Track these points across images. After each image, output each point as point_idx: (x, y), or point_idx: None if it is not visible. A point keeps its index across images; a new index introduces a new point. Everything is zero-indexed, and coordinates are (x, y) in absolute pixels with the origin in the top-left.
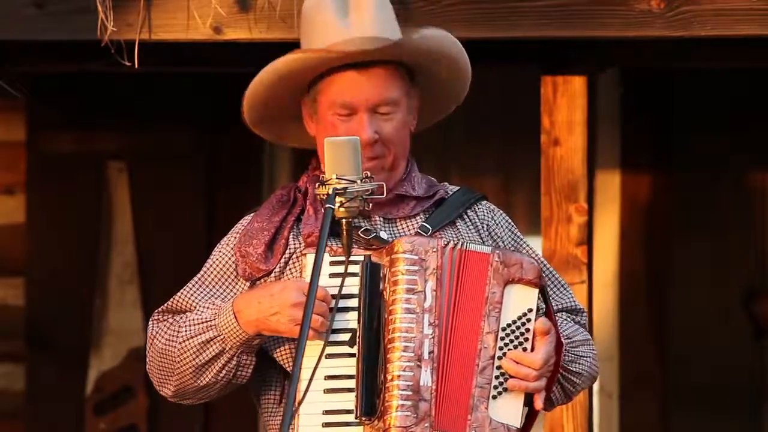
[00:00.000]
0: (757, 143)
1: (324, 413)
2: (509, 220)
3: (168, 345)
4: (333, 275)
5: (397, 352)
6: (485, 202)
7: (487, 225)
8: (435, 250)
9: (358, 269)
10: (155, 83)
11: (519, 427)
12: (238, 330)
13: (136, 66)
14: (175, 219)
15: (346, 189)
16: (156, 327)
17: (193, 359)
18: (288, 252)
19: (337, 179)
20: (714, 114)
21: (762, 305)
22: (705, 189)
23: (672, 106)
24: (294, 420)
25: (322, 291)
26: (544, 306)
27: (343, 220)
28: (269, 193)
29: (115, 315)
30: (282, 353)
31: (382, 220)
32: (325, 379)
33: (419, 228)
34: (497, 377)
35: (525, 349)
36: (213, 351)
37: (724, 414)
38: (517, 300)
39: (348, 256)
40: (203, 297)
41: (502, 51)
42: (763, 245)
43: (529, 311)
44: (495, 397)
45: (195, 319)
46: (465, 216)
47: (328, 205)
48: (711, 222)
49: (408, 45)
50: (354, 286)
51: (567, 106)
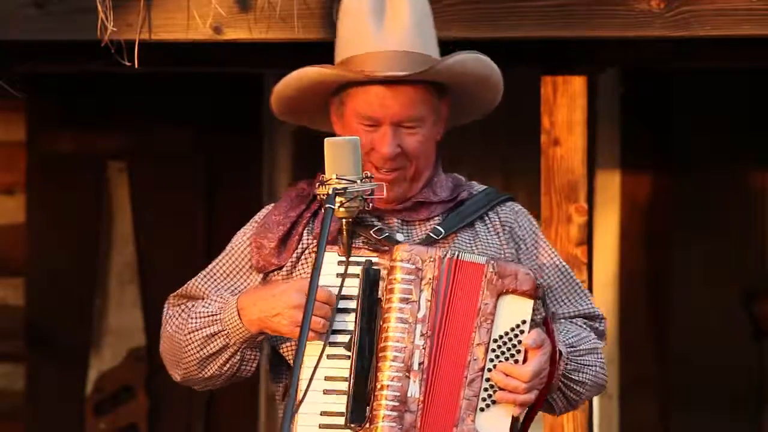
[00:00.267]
0: (757, 143)
1: (321, 414)
2: (534, 222)
3: (176, 333)
4: (340, 275)
5: (387, 361)
6: (511, 203)
7: (510, 227)
8: (433, 259)
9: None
10: (155, 83)
11: None
12: (241, 327)
13: (136, 66)
14: (175, 219)
15: (346, 189)
16: (169, 312)
17: (198, 351)
18: (300, 248)
19: (337, 179)
20: (714, 114)
21: (762, 305)
22: (705, 189)
23: (672, 106)
24: (293, 418)
25: (324, 292)
26: (542, 316)
27: (343, 220)
28: (269, 193)
29: (115, 315)
30: (287, 349)
31: (400, 222)
32: (325, 380)
33: (431, 231)
34: (486, 389)
35: (517, 361)
36: (217, 345)
37: (724, 414)
38: (511, 311)
39: (348, 256)
40: (216, 285)
41: (502, 51)
42: (763, 245)
43: (523, 323)
44: (483, 410)
45: (202, 312)
46: (486, 218)
47: (328, 205)
48: (711, 222)
49: (437, 71)
50: (356, 287)
51: (567, 106)
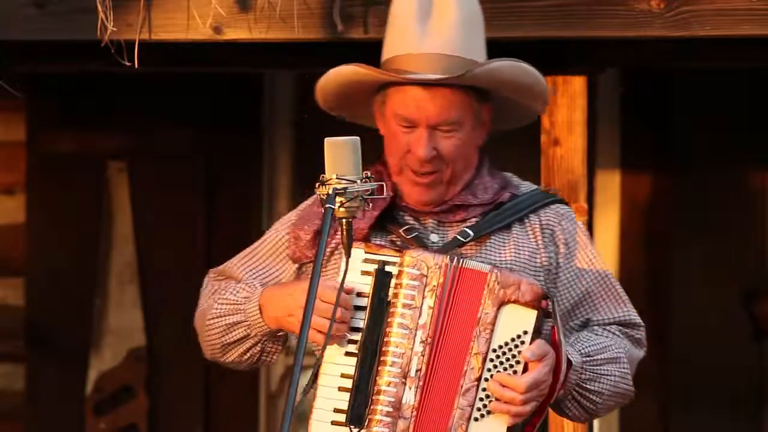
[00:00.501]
0: (757, 143)
1: (334, 411)
2: (579, 226)
3: (205, 313)
4: (365, 273)
5: (386, 366)
6: (557, 206)
7: (551, 230)
8: (439, 266)
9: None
10: (155, 83)
11: None
12: (261, 322)
13: (136, 66)
14: (175, 219)
15: (346, 189)
16: (206, 288)
17: (220, 337)
18: (334, 243)
19: (337, 179)
20: (714, 114)
21: (762, 305)
22: (705, 189)
23: (672, 106)
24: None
25: (333, 292)
26: (549, 327)
27: (344, 220)
28: (269, 193)
29: (115, 315)
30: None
31: (435, 223)
32: (341, 377)
33: (458, 233)
34: (481, 399)
35: (516, 372)
36: (238, 334)
37: (724, 414)
38: (512, 322)
39: (348, 256)
40: (252, 269)
41: (502, 51)
42: (763, 245)
43: (524, 333)
44: (477, 419)
45: (228, 298)
46: (525, 220)
47: (328, 205)
48: (711, 222)
49: (473, 75)
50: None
51: (567, 106)
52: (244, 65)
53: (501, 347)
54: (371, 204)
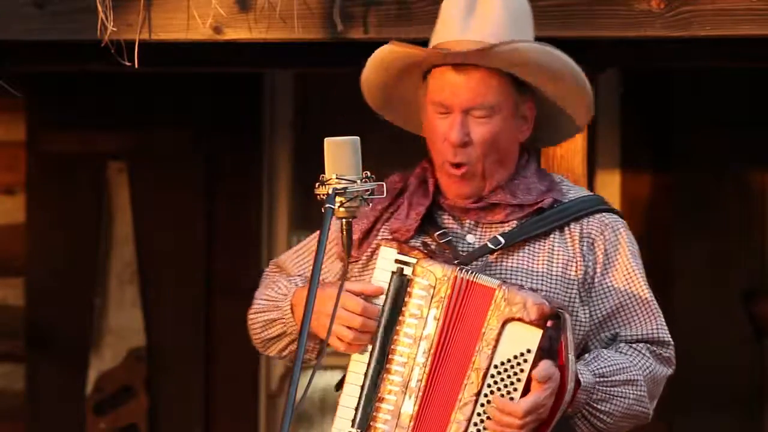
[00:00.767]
0: (757, 143)
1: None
2: (623, 237)
3: (251, 310)
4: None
5: (389, 375)
6: (604, 215)
7: (591, 240)
8: (447, 278)
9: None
10: (155, 83)
11: None
12: (293, 321)
13: (136, 66)
14: (175, 219)
15: (346, 189)
16: (263, 279)
17: (261, 332)
18: (375, 243)
19: (337, 179)
20: (714, 114)
21: (762, 305)
22: (705, 189)
23: (672, 106)
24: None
25: (353, 301)
26: (555, 347)
27: (343, 220)
28: (269, 193)
29: (115, 315)
30: None
31: (473, 223)
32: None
33: (490, 240)
34: (479, 414)
35: (516, 389)
36: (276, 331)
37: (724, 414)
38: (515, 340)
39: (348, 256)
40: (301, 264)
41: None
42: (763, 245)
43: (527, 352)
44: None
45: (269, 295)
46: (566, 228)
47: (328, 205)
48: (711, 222)
49: (498, 51)
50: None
51: None
52: (244, 65)
53: (503, 364)
54: (409, 203)
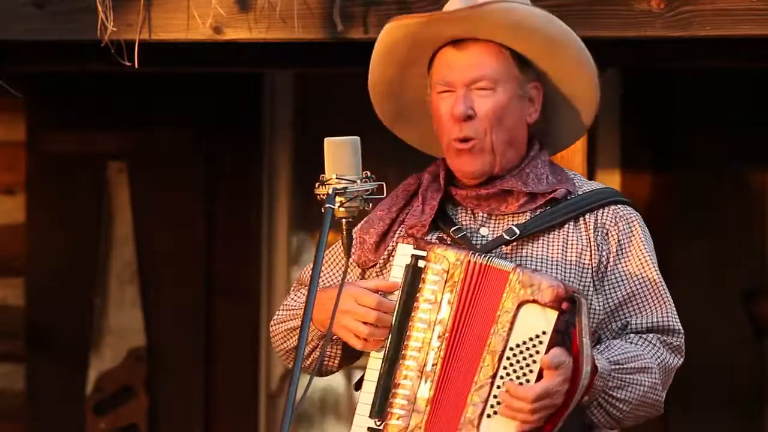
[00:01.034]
0: (757, 143)
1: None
2: (636, 228)
3: (273, 321)
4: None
5: (405, 360)
6: (618, 206)
7: (606, 230)
8: (461, 262)
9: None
10: (155, 83)
11: None
12: (313, 326)
13: (136, 66)
14: (175, 219)
15: (346, 189)
16: (287, 297)
17: (282, 343)
18: (392, 245)
19: (337, 179)
20: (714, 114)
21: (762, 305)
22: (705, 189)
23: (672, 106)
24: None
25: (367, 296)
26: (570, 330)
27: (343, 220)
28: (269, 193)
29: (115, 315)
30: None
31: (486, 215)
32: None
33: (505, 231)
34: (495, 396)
35: (531, 371)
36: (297, 340)
37: (724, 414)
38: (530, 322)
39: (348, 256)
40: (325, 275)
41: None
42: (763, 245)
43: (542, 334)
44: (489, 416)
45: (289, 305)
46: (580, 219)
47: (328, 205)
48: (711, 222)
49: (487, 13)
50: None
51: None
52: (244, 65)
53: (518, 346)
54: (423, 198)
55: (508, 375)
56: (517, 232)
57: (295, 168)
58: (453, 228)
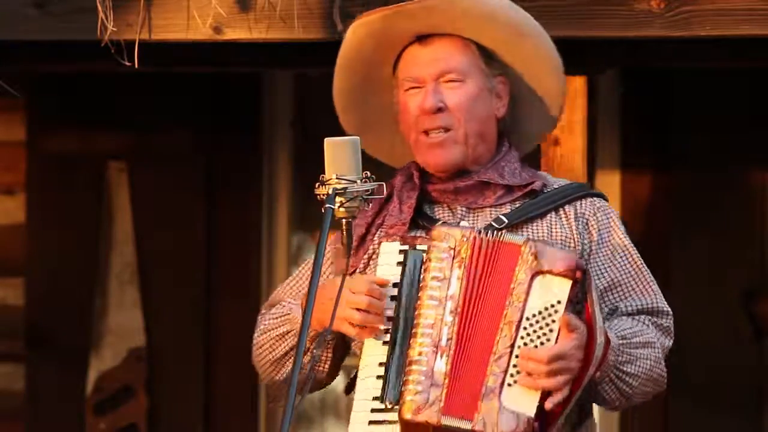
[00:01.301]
0: (757, 143)
1: (373, 399)
2: (613, 218)
3: (255, 338)
4: (401, 263)
5: (417, 338)
6: (594, 199)
7: (585, 220)
8: (467, 239)
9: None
10: (155, 83)
11: (532, 416)
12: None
13: (136, 66)
14: (175, 219)
15: (346, 189)
16: (258, 321)
17: (271, 352)
18: (372, 248)
19: (337, 179)
20: (714, 114)
21: (762, 305)
22: (705, 189)
23: (672, 106)
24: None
25: (365, 284)
26: (583, 299)
27: (343, 220)
28: (269, 193)
29: (115, 315)
30: (356, 343)
31: (465, 209)
32: (379, 366)
33: (494, 220)
34: (515, 366)
35: (549, 340)
36: (287, 345)
37: (723, 414)
38: (545, 291)
39: (348, 256)
40: (296, 291)
41: None
42: (763, 245)
43: (558, 303)
44: (510, 385)
45: (275, 313)
46: (561, 210)
47: (328, 205)
48: (711, 222)
49: (458, 3)
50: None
51: (567, 106)
52: (244, 65)
53: (534, 316)
54: (399, 199)
55: (525, 345)
56: (505, 221)
57: (295, 168)
58: (436, 224)
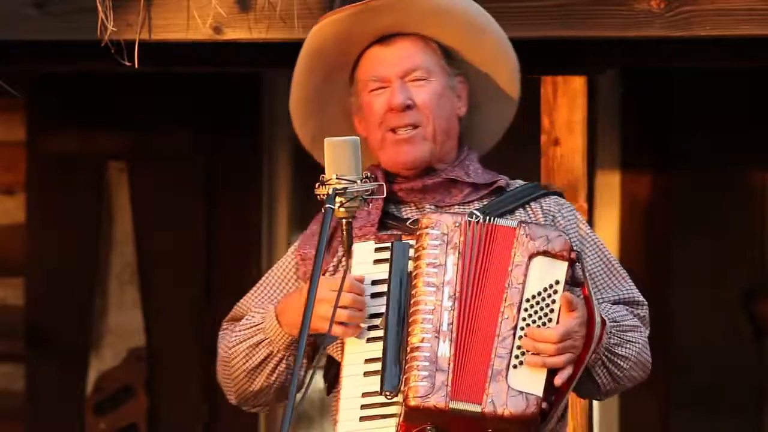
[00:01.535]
0: (757, 143)
1: (363, 395)
2: (578, 215)
3: (224, 352)
4: (378, 261)
5: (417, 324)
6: (557, 197)
7: (552, 216)
8: (458, 224)
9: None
10: (155, 83)
11: (540, 396)
12: (282, 333)
13: (136, 66)
14: (175, 219)
15: (346, 189)
16: (220, 336)
17: (244, 363)
18: (341, 251)
19: (337, 179)
20: (714, 114)
21: (762, 305)
22: (705, 189)
23: (672, 106)
24: (335, 404)
25: (348, 283)
26: (580, 280)
27: (343, 220)
28: (269, 193)
29: (115, 315)
30: (333, 347)
31: (432, 208)
32: (365, 362)
33: (468, 215)
34: (519, 347)
35: (550, 320)
36: (262, 354)
37: (724, 414)
38: (543, 272)
39: (349, 256)
40: (263, 299)
41: None
42: (763, 245)
43: (556, 283)
44: (516, 366)
45: (245, 324)
46: (528, 207)
47: (328, 205)
48: (711, 222)
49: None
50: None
51: (567, 106)
52: (244, 65)
53: (534, 297)
54: (369, 204)
55: (528, 325)
56: (479, 216)
57: (295, 168)
58: (407, 222)
